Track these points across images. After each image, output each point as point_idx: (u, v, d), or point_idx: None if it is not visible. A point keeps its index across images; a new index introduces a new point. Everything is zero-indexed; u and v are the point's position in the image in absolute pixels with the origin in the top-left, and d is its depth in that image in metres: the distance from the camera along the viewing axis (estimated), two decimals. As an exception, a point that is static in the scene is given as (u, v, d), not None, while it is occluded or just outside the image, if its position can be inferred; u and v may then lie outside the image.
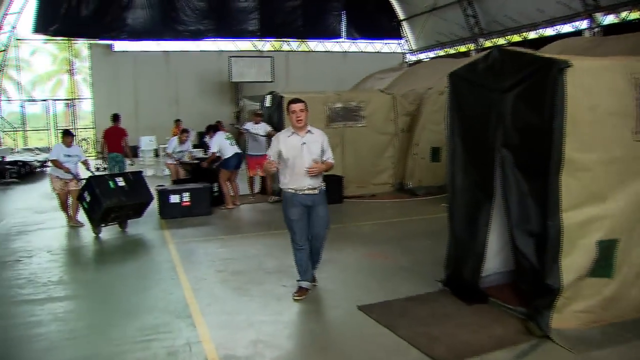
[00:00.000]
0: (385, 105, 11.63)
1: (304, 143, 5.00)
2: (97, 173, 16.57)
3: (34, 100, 25.11)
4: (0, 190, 14.09)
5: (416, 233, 8.03)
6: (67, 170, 8.68)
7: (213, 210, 9.89)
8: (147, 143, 16.37)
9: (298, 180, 5.02)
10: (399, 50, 28.42)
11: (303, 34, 26.52)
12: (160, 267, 6.62)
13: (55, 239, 8.28)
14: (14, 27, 21.76)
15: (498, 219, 4.93)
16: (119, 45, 23.42)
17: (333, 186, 10.47)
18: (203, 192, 9.78)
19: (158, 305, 5.21)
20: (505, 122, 4.36)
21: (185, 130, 11.62)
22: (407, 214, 9.71)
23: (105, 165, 18.15)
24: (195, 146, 18.44)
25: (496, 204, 4.73)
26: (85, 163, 9.01)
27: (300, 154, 4.97)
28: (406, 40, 28.04)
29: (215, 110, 23.42)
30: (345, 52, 27.40)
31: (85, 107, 25.83)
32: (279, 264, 6.37)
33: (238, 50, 24.93)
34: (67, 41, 24.86)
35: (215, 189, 10.59)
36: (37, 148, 19.12)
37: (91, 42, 23.22)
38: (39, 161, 16.50)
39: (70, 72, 27.23)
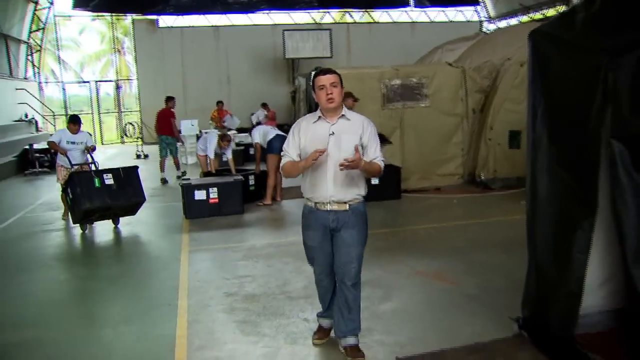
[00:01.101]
0: (453, 80, 10.22)
1: (332, 133, 3.62)
2: (135, 161, 16.24)
3: (74, 82, 25.19)
4: (27, 181, 13.82)
5: (488, 241, 6.71)
6: (63, 153, 8.19)
7: (248, 207, 8.96)
8: (188, 128, 15.60)
9: (319, 188, 3.64)
10: (474, 19, 26.42)
11: (367, 3, 25.05)
12: (162, 286, 5.67)
13: (52, 245, 7.55)
14: (51, 3, 21.65)
15: (601, 240, 3.60)
16: (164, 21, 22.94)
17: (389, 178, 9.25)
18: (234, 187, 8.82)
19: (136, 348, 4.23)
20: (618, 101, 3.00)
21: (225, 137, 10.47)
22: (477, 213, 8.34)
23: (147, 153, 17.95)
24: (241, 130, 17.70)
25: (600, 221, 3.38)
26: (89, 149, 8.40)
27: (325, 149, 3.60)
28: (483, 6, 25.98)
29: (270, 90, 22.60)
30: (414, 22, 25.72)
31: (135, 88, 25.72)
32: (308, 285, 5.24)
33: (294, 24, 23.87)
34: (115, 18, 24.72)
35: (251, 182, 9.65)
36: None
37: (134, 17, 22.86)
38: (74, 148, 16.11)
39: (119, 51, 27.22)
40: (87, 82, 24.52)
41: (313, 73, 10.51)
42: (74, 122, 8.48)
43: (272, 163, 9.16)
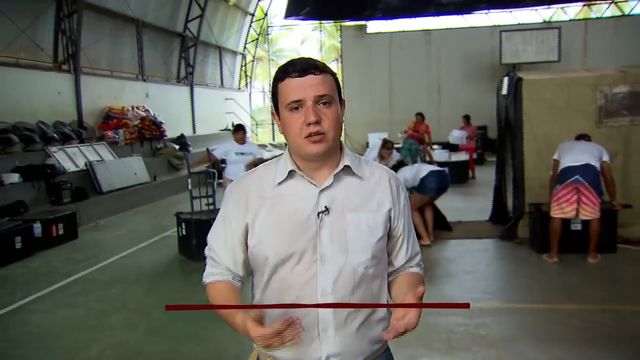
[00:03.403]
0: None
1: (326, 211, 1.60)
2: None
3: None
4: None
5: None
6: (210, 160, 8.27)
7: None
8: (377, 142, 14.20)
9: (300, 335, 1.45)
10: None
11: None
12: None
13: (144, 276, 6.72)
14: (266, 14, 22.25)
15: None
16: (373, 26, 22.07)
17: (602, 223, 6.65)
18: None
19: None
20: None
21: (387, 143, 8.87)
22: None
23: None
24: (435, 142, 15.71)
25: None
26: (256, 162, 7.63)
27: (311, 244, 1.59)
28: None
29: (484, 100, 20.10)
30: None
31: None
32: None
33: (516, 24, 21.09)
34: (335, 28, 24.76)
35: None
36: (270, 144, 18.92)
37: (342, 23, 22.42)
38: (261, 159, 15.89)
39: (338, 59, 27.26)
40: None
41: (504, 81, 8.27)
42: (238, 130, 8.20)
43: (412, 202, 7.31)
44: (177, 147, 15.11)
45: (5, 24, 10.88)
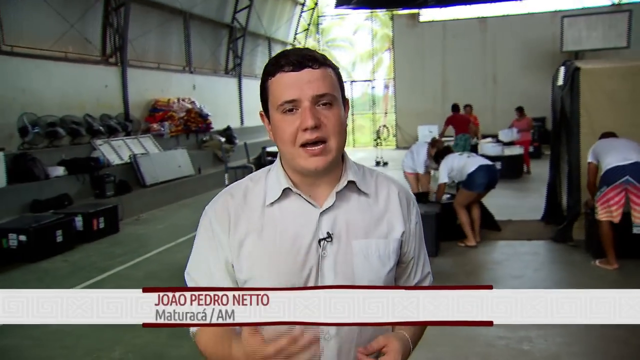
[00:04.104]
0: None
1: (328, 238, 1.34)
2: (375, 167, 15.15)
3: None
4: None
5: None
6: None
7: (447, 247, 6.91)
8: (426, 135, 13.83)
9: None
10: None
11: None
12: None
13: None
14: (316, 4, 21.98)
15: None
16: (425, 15, 21.46)
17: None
18: (425, 220, 6.79)
19: None
20: None
21: (436, 142, 8.45)
22: None
23: (387, 160, 16.76)
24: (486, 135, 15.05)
25: None
26: None
27: (311, 278, 1.33)
28: None
29: (543, 90, 19.05)
30: None
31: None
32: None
33: (580, 9, 20.00)
34: (388, 16, 24.32)
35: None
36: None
37: (394, 12, 21.89)
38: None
39: (391, 49, 26.79)
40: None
41: (560, 71, 7.71)
42: None
43: (460, 200, 6.93)
44: (223, 139, 15.10)
45: (55, 19, 11.04)
